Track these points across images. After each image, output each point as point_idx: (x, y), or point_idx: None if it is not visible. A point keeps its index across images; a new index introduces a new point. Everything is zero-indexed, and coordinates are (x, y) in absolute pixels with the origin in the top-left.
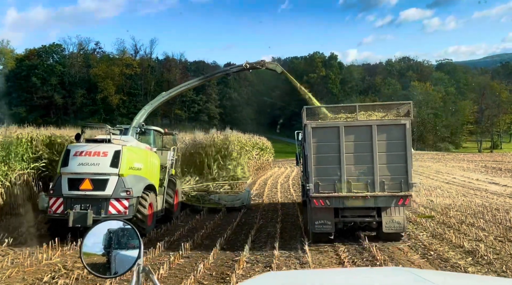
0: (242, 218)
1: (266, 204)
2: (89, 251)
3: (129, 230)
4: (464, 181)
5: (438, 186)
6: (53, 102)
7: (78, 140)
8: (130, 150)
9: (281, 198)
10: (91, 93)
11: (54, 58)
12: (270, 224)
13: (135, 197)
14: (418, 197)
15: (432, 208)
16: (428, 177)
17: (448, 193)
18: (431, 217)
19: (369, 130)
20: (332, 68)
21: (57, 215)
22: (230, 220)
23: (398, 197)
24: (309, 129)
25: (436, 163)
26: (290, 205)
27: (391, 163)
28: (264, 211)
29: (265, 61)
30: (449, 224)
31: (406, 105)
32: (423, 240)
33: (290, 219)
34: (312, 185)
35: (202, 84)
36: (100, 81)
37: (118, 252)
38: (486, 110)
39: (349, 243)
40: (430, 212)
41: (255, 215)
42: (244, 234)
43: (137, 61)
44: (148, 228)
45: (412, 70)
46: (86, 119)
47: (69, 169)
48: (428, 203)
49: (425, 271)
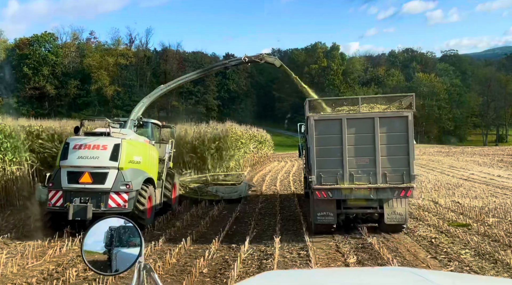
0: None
1: (263, 206)
2: (90, 248)
3: (130, 228)
4: (485, 178)
5: (458, 183)
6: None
7: (77, 133)
8: (129, 143)
9: (280, 198)
10: (85, 84)
11: (46, 48)
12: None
13: (134, 190)
14: (440, 197)
15: (462, 213)
16: (442, 172)
17: (474, 192)
18: (467, 225)
19: (371, 122)
20: (333, 59)
21: (56, 208)
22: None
23: (400, 188)
24: (311, 122)
25: (446, 157)
26: (291, 207)
27: (393, 155)
28: (259, 217)
29: (264, 55)
30: (494, 236)
31: (409, 97)
32: (469, 263)
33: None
34: (314, 177)
35: (202, 77)
36: (94, 72)
37: (119, 250)
38: (492, 102)
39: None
40: (463, 219)
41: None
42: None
43: (132, 51)
44: (148, 221)
45: (416, 61)
46: (80, 111)
47: (68, 162)
48: (455, 205)
49: (428, 271)
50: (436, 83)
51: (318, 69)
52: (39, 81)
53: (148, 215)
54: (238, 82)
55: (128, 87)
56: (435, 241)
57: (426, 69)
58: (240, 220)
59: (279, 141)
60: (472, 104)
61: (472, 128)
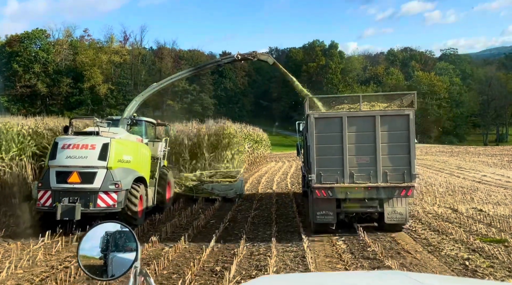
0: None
1: (256, 214)
2: (86, 253)
3: (126, 233)
4: (500, 180)
5: (472, 186)
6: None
7: (67, 132)
8: (119, 142)
9: (276, 204)
10: (77, 83)
11: (37, 44)
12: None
13: (124, 190)
14: (458, 203)
15: (491, 224)
16: (451, 174)
17: (494, 198)
18: (503, 241)
19: (372, 120)
20: (332, 57)
21: (45, 208)
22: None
23: (401, 188)
24: (312, 120)
25: (451, 157)
26: (289, 214)
27: (394, 154)
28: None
29: (257, 52)
30: None
31: (410, 96)
32: None
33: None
34: (314, 176)
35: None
36: (87, 69)
37: (115, 255)
38: (492, 101)
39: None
40: (495, 233)
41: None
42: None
43: (126, 49)
44: (139, 221)
45: (415, 59)
46: (73, 110)
47: (57, 162)
48: (478, 214)
49: (424, 275)
50: (436, 82)
51: (316, 67)
52: (30, 79)
53: (139, 214)
54: (235, 81)
55: (122, 86)
56: (470, 265)
57: (426, 68)
58: (229, 232)
59: (277, 141)
60: (472, 104)
61: (471, 127)
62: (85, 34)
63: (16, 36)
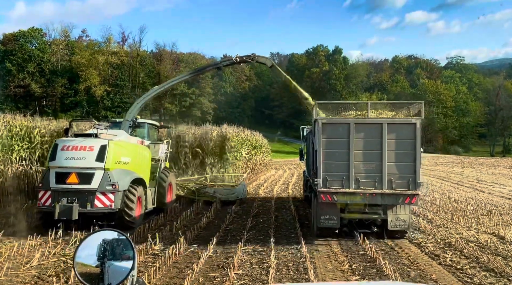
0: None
1: (251, 234)
2: (82, 261)
3: (123, 241)
4: None
5: (505, 204)
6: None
7: (67, 134)
8: (117, 144)
9: (276, 222)
10: (73, 84)
11: (33, 43)
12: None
13: (121, 190)
14: (501, 227)
15: None
16: (473, 188)
17: None
18: None
19: (379, 128)
20: (336, 62)
21: (45, 207)
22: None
23: (406, 195)
24: (319, 125)
25: (464, 168)
26: (291, 232)
27: (400, 162)
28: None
29: (255, 55)
30: None
31: (417, 105)
32: None
33: None
34: (320, 180)
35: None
36: (83, 70)
37: (112, 263)
38: (500, 111)
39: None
40: None
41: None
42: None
43: (124, 50)
44: (137, 222)
45: (420, 67)
46: (68, 112)
47: (56, 163)
48: None
49: None
50: (443, 90)
51: (320, 73)
52: (24, 78)
53: (137, 215)
54: (236, 85)
55: (119, 88)
56: None
57: (432, 76)
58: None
59: (277, 148)
60: (478, 113)
61: (477, 138)
62: (83, 34)
63: (11, 34)
